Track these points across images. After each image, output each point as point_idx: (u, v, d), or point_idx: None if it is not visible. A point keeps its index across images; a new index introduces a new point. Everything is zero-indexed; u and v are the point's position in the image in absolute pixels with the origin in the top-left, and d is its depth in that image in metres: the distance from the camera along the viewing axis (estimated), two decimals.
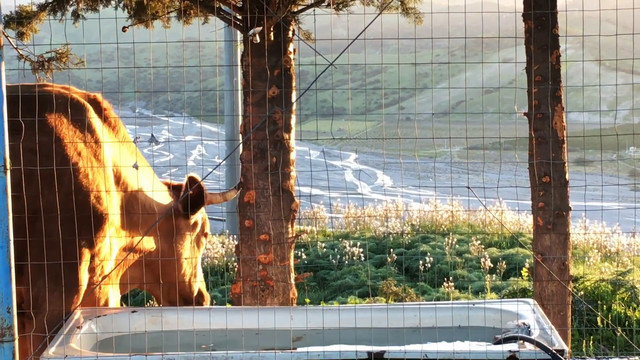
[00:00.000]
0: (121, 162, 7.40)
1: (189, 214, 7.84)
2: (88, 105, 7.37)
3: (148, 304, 12.81)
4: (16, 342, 5.55)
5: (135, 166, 7.27)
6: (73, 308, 6.93)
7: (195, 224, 8.14)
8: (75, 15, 8.73)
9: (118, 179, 7.35)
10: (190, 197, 7.73)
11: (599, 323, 11.90)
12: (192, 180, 7.87)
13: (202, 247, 8.48)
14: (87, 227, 6.97)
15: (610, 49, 6.92)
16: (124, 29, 8.28)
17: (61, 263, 6.57)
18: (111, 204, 7.23)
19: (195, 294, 8.34)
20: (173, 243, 7.94)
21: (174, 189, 8.11)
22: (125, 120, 7.61)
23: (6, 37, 6.58)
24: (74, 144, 7.07)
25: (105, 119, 7.46)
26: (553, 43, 8.87)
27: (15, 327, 5.56)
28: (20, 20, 8.69)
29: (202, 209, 8.19)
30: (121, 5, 8.59)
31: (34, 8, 8.75)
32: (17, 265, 6.45)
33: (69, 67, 9.00)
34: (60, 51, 8.95)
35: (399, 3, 8.73)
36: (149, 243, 7.68)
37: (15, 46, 8.90)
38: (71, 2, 8.70)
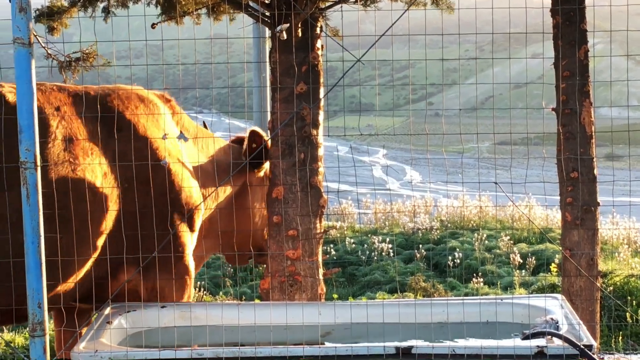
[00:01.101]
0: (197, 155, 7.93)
1: (262, 162, 8.39)
2: (160, 104, 7.72)
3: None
4: (47, 337, 5.60)
5: (165, 163, 7.32)
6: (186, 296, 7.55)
7: (265, 174, 8.63)
8: (106, 12, 8.77)
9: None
10: (255, 150, 8.12)
11: (629, 319, 11.85)
12: (255, 134, 8.27)
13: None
14: (186, 221, 7.48)
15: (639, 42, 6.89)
16: (153, 25, 8.31)
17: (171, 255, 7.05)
18: (199, 196, 7.66)
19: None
20: (244, 200, 8.42)
21: (239, 143, 8.53)
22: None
23: (35, 36, 6.62)
24: (164, 144, 7.45)
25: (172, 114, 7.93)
26: (581, 38, 8.84)
27: (47, 322, 5.62)
28: (51, 15, 8.74)
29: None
30: (153, 1, 8.62)
31: (65, 3, 8.79)
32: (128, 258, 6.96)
33: (96, 67, 9.06)
34: (87, 51, 9.00)
35: None
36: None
37: (43, 45, 8.95)
38: None
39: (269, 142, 8.25)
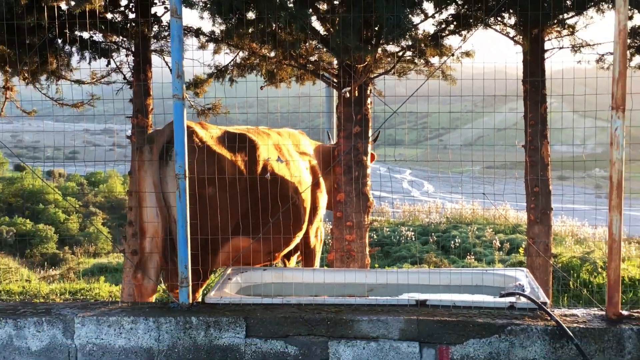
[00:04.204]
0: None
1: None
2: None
3: None
4: (190, 288, 5.66)
5: (268, 176, 7.37)
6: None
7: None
8: (231, 80, 8.89)
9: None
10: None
11: (571, 285, 11.68)
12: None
13: None
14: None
15: (582, 102, 6.80)
16: (261, 87, 8.41)
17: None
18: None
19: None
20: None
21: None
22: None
23: (186, 94, 6.75)
24: (314, 162, 7.98)
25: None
26: (542, 99, 8.77)
27: (189, 279, 5.67)
28: (195, 85, 8.90)
29: None
30: (259, 74, 8.72)
31: (204, 76, 8.93)
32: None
33: (222, 113, 9.22)
34: (215, 104, 9.16)
35: (441, 72, 8.69)
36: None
37: (188, 98, 9.14)
38: (228, 72, 8.86)
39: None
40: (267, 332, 5.33)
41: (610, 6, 7.91)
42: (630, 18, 8.45)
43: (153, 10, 8.48)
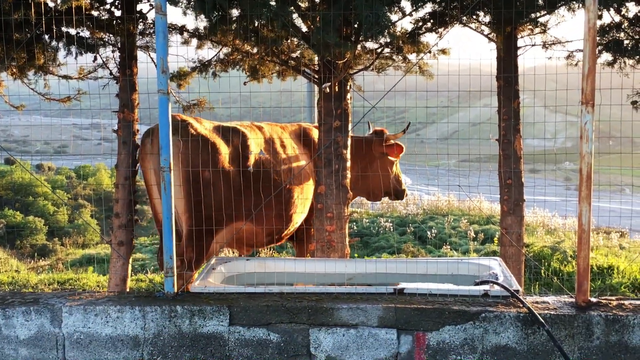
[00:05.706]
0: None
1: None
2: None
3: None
4: (175, 277, 5.62)
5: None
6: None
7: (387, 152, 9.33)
8: (214, 74, 8.81)
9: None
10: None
11: (542, 274, 11.75)
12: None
13: (395, 163, 9.67)
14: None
15: (552, 98, 6.81)
16: (244, 83, 8.35)
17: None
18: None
19: (400, 188, 9.82)
20: (375, 164, 9.29)
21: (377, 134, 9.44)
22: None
23: (170, 88, 6.68)
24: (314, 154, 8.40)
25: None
26: (515, 95, 8.78)
27: (175, 268, 5.63)
28: (179, 77, 8.81)
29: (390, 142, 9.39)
30: (242, 68, 8.66)
31: (188, 69, 8.86)
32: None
33: (207, 109, 9.17)
34: (200, 100, 9.11)
35: (418, 68, 8.68)
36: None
37: (174, 94, 9.03)
38: (211, 66, 8.79)
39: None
40: (250, 320, 5.30)
41: (580, 5, 7.93)
42: (600, 17, 8.49)
43: (138, 7, 8.39)
